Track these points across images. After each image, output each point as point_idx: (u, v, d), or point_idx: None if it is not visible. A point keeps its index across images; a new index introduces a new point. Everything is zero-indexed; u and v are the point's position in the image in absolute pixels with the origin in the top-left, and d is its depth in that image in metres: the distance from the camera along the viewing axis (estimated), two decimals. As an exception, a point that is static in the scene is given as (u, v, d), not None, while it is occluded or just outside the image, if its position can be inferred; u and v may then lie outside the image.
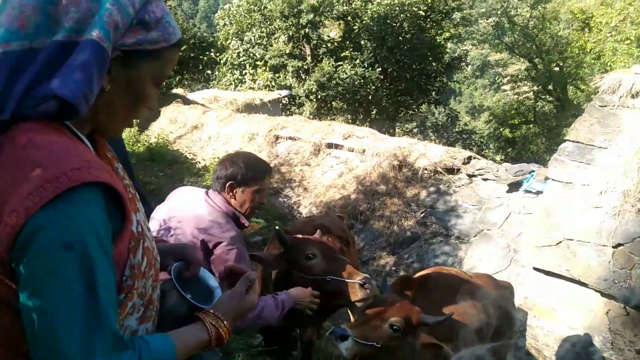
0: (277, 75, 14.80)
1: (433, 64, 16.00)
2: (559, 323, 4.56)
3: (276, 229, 2.49)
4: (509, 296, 3.31)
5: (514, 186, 5.81)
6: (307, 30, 14.10)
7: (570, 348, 4.22)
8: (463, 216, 6.10)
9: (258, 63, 14.99)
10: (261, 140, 8.70)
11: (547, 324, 4.63)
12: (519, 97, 23.36)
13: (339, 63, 14.38)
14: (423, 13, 15.03)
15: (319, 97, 14.31)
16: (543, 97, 21.65)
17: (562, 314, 4.55)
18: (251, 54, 15.41)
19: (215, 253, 2.11)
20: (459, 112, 25.45)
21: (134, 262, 0.96)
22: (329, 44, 15.45)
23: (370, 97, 15.13)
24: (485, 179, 6.19)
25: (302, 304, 2.10)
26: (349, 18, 15.33)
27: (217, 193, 2.26)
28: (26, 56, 0.85)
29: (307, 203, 7.30)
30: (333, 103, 15.16)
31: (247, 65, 15.40)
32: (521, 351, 4.39)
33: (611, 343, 4.22)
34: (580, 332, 4.36)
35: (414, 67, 15.44)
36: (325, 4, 14.08)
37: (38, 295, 0.79)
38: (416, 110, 17.70)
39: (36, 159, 0.83)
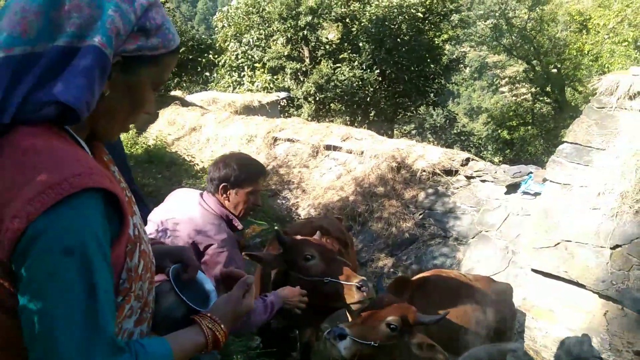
0: (276, 77, 14.80)
1: (431, 66, 16.00)
2: (557, 324, 4.56)
3: (276, 230, 2.49)
4: (509, 298, 3.31)
5: (512, 188, 5.82)
6: (306, 32, 14.10)
7: (568, 349, 4.23)
8: (461, 218, 6.11)
9: (256, 65, 14.99)
10: (259, 142, 8.70)
11: (545, 326, 4.64)
12: (517, 99, 23.36)
13: (337, 65, 14.38)
14: (421, 15, 15.04)
15: (317, 99, 14.31)
16: (541, 99, 21.67)
17: (560, 316, 4.56)
18: (249, 56, 15.41)
19: (206, 255, 2.10)
20: (457, 114, 25.48)
21: (131, 265, 0.96)
22: (327, 46, 15.46)
23: (368, 99, 15.13)
24: (483, 181, 6.20)
25: (291, 303, 2.10)
26: (347, 20, 15.33)
27: (211, 195, 2.25)
28: (28, 61, 0.86)
29: (306, 205, 7.30)
30: (331, 105, 15.15)
31: (246, 67, 15.40)
32: (519, 353, 4.39)
33: (609, 344, 4.22)
34: (578, 334, 4.36)
35: (412, 69, 15.44)
36: (323, 6, 14.09)
37: (38, 298, 0.80)
38: (414, 112, 17.70)
39: (37, 164, 0.83)
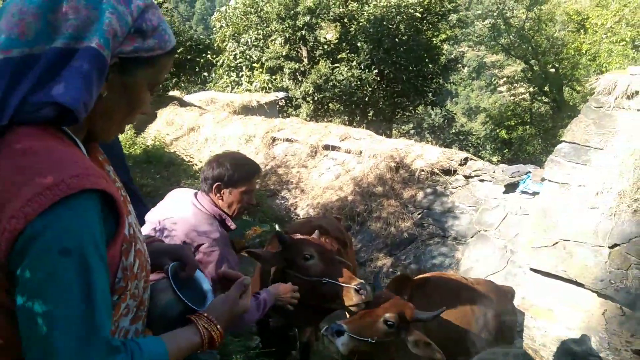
0: (274, 77, 14.80)
1: (429, 66, 16.01)
2: (556, 324, 4.57)
3: (276, 231, 2.48)
4: (510, 301, 3.33)
5: (511, 187, 5.83)
6: (304, 32, 14.11)
7: (567, 348, 4.23)
8: (460, 217, 6.12)
9: (255, 65, 14.99)
10: (258, 142, 8.70)
11: (544, 325, 4.65)
12: (515, 99, 23.41)
13: (336, 65, 14.39)
14: (419, 15, 15.05)
15: (316, 99, 14.31)
16: (539, 99, 21.71)
17: (559, 315, 4.56)
18: (248, 56, 15.40)
19: (198, 254, 2.10)
20: (456, 114, 25.50)
21: (127, 264, 0.97)
22: (326, 46, 15.46)
23: (366, 99, 15.14)
24: (481, 180, 6.20)
25: (283, 300, 2.09)
26: (346, 20, 15.34)
27: (205, 194, 2.25)
28: (26, 62, 0.86)
29: (304, 205, 7.30)
30: (330, 105, 15.16)
31: (244, 67, 15.40)
32: (518, 352, 4.39)
33: (608, 343, 4.23)
34: (577, 333, 4.37)
35: (411, 69, 15.45)
36: (321, 6, 14.09)
37: (35, 298, 0.80)
38: (413, 111, 17.72)
39: (35, 166, 0.83)
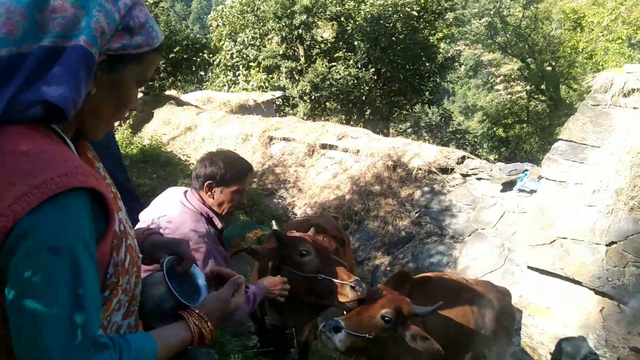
0: (271, 76, 14.78)
1: (426, 64, 16.02)
2: (554, 321, 4.58)
3: (274, 229, 2.47)
4: (508, 302, 3.37)
5: (508, 185, 5.83)
6: (301, 31, 14.09)
7: (564, 346, 4.24)
8: (457, 216, 6.12)
9: (251, 64, 14.97)
10: (255, 141, 8.69)
11: (542, 323, 4.66)
12: (512, 97, 23.46)
13: (333, 64, 14.38)
14: (416, 13, 15.05)
15: (313, 98, 14.30)
16: (536, 97, 21.75)
17: (557, 312, 4.57)
18: (244, 55, 15.39)
19: None
20: (453, 112, 25.55)
21: (117, 260, 0.98)
22: (323, 45, 15.45)
23: (364, 98, 15.14)
24: (479, 179, 6.21)
25: (274, 293, 2.09)
26: (342, 19, 15.33)
27: (195, 192, 2.25)
28: (14, 61, 0.86)
29: (302, 204, 7.29)
30: (327, 104, 15.15)
31: (241, 66, 15.38)
32: (516, 350, 4.40)
33: (605, 341, 4.24)
34: (574, 330, 4.38)
35: (408, 68, 15.45)
36: (318, 5, 14.08)
37: (24, 296, 0.80)
38: (410, 110, 17.74)
39: (24, 164, 0.84)
